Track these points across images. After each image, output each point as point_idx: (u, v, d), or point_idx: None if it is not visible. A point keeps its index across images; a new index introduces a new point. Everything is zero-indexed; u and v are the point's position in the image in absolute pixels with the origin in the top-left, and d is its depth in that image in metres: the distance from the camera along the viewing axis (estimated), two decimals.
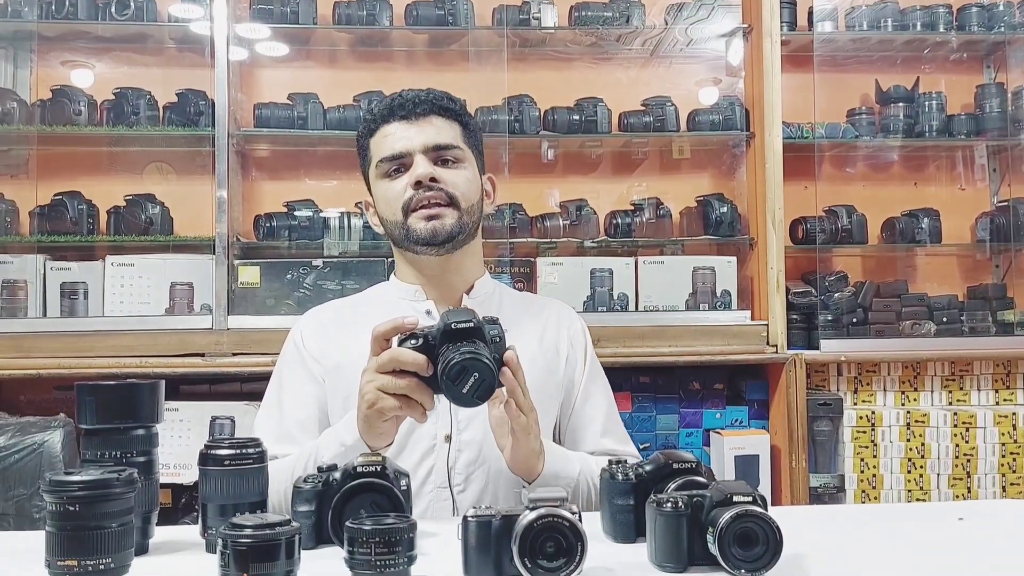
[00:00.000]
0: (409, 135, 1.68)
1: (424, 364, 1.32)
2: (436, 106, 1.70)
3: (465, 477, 1.63)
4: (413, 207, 1.65)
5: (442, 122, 1.70)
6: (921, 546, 1.28)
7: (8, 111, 3.02)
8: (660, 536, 1.12)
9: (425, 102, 1.70)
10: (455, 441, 1.63)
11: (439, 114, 1.71)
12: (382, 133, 1.70)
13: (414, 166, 1.66)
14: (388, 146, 1.68)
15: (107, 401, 1.21)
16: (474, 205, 1.70)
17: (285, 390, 1.73)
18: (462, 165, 1.70)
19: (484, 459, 1.63)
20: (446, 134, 1.70)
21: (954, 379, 3.07)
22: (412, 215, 1.65)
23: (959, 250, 3.41)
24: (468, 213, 1.68)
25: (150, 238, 3.03)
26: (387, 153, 1.68)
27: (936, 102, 3.30)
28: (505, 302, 1.80)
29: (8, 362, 2.79)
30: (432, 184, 1.64)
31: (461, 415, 1.64)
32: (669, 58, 3.39)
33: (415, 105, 1.69)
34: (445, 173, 1.67)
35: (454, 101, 1.75)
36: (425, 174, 1.64)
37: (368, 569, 1.04)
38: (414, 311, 1.69)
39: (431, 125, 1.69)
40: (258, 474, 1.24)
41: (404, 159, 1.67)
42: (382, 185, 1.70)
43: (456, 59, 3.32)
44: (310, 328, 1.77)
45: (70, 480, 1.01)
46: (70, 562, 1.00)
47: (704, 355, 2.93)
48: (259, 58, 3.28)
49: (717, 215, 3.15)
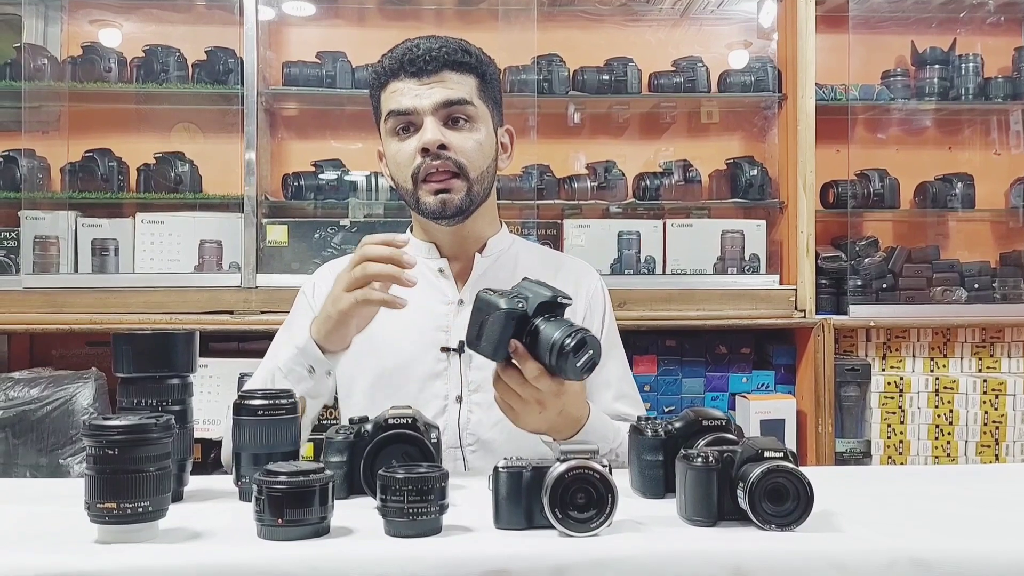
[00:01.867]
0: (419, 93, 1.60)
1: (395, 254, 1.41)
2: (448, 60, 1.62)
3: (477, 438, 1.63)
4: (423, 177, 1.61)
5: (456, 76, 1.63)
6: (952, 505, 1.28)
7: (39, 68, 3.03)
8: (690, 490, 1.12)
9: (437, 58, 1.61)
10: (466, 402, 1.63)
11: (452, 68, 1.62)
12: (391, 88, 1.63)
13: (423, 129, 1.59)
14: (396, 101, 1.62)
15: (143, 350, 1.23)
16: (484, 171, 1.65)
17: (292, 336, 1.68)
18: (474, 125, 1.64)
19: (496, 420, 1.61)
20: (458, 90, 1.62)
21: (984, 346, 3.05)
22: (422, 186, 1.61)
23: (992, 216, 3.37)
24: (478, 182, 1.63)
25: (179, 196, 3.05)
26: (395, 107, 1.62)
27: (972, 65, 3.24)
28: (521, 259, 1.77)
29: (41, 317, 2.82)
30: (441, 152, 1.59)
31: (471, 377, 1.64)
32: (700, 19, 3.35)
33: (426, 62, 1.60)
34: (455, 137, 1.61)
35: (469, 53, 1.66)
36: (433, 141, 1.58)
37: (400, 517, 1.05)
38: (428, 268, 1.69)
39: (442, 82, 1.61)
40: (290, 424, 1.25)
41: (412, 116, 1.61)
42: (392, 144, 1.65)
43: (485, 18, 3.30)
44: (324, 282, 1.72)
45: (109, 424, 1.02)
46: (109, 505, 1.02)
47: (731, 319, 2.92)
48: (287, 16, 3.28)
49: (747, 178, 3.13)
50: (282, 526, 1.03)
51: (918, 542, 1.08)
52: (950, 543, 1.09)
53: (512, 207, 3.11)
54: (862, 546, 1.05)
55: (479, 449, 1.63)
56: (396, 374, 1.65)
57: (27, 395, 2.67)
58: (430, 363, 1.65)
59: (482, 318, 1.31)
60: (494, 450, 1.62)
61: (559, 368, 1.28)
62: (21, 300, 2.84)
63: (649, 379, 2.97)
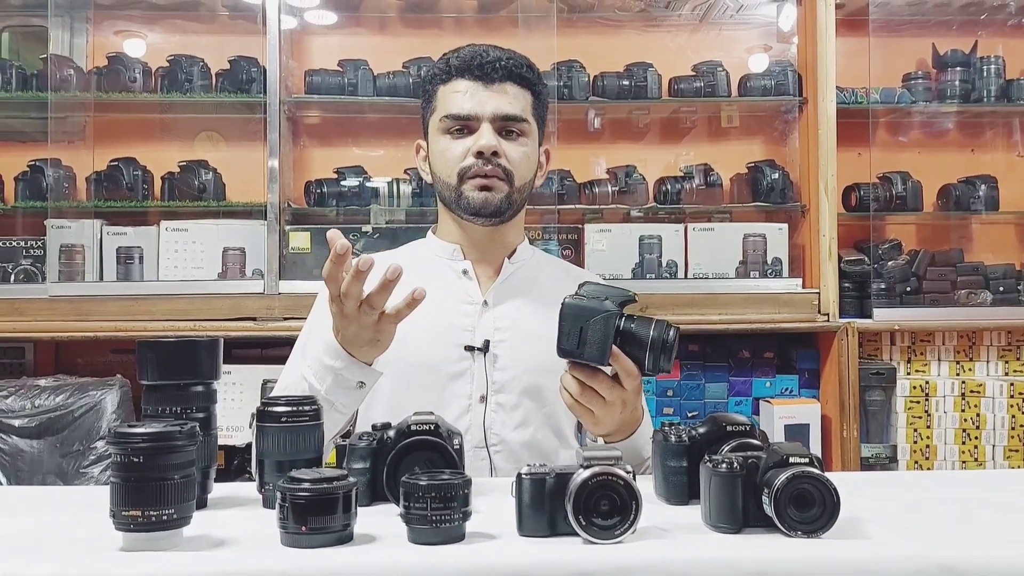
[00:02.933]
0: (481, 99, 1.64)
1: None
2: (514, 73, 1.66)
3: (501, 439, 1.63)
4: (471, 175, 1.64)
5: (516, 90, 1.66)
6: (980, 510, 1.26)
7: (65, 78, 3.06)
8: (715, 497, 1.12)
9: (504, 68, 1.65)
10: (490, 402, 1.64)
11: (515, 81, 1.66)
12: (453, 87, 1.66)
13: (479, 134, 1.63)
14: (457, 104, 1.65)
15: (168, 357, 1.23)
16: (527, 183, 1.69)
17: (313, 338, 1.70)
18: (525, 140, 1.68)
19: (519, 421, 1.64)
20: (517, 104, 1.66)
21: (1011, 349, 3.01)
22: (467, 182, 1.64)
23: (1017, 218, 3.33)
24: (520, 191, 1.67)
25: (203, 204, 3.07)
26: (454, 111, 1.65)
27: (994, 67, 3.21)
28: (543, 269, 1.80)
29: (66, 324, 2.85)
30: (493, 158, 1.62)
31: (496, 377, 1.64)
32: (719, 24, 3.35)
33: (494, 69, 1.64)
34: (508, 147, 1.64)
35: (532, 70, 1.70)
36: (489, 146, 1.61)
37: (424, 524, 1.05)
38: (451, 270, 1.70)
39: (504, 93, 1.65)
40: (314, 431, 1.25)
41: (470, 122, 1.64)
42: (442, 141, 1.67)
43: (505, 25, 3.30)
44: None
45: (134, 432, 1.03)
46: (134, 512, 1.02)
47: (754, 323, 2.90)
48: (310, 25, 3.30)
49: (768, 182, 3.11)
50: (306, 534, 1.03)
51: (946, 549, 1.07)
52: (979, 550, 1.08)
53: (533, 212, 3.11)
54: (889, 553, 1.04)
55: (503, 450, 1.64)
56: (420, 373, 1.65)
57: (52, 402, 2.69)
58: (454, 362, 1.66)
59: (581, 324, 1.32)
60: (517, 451, 1.63)
61: (656, 363, 1.32)
62: (47, 308, 2.87)
63: (672, 384, 2.96)
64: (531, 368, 1.63)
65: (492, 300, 1.68)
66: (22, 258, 2.99)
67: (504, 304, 1.67)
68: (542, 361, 1.58)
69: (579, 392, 1.39)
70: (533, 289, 1.72)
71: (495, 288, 1.70)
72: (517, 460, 1.62)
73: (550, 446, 1.67)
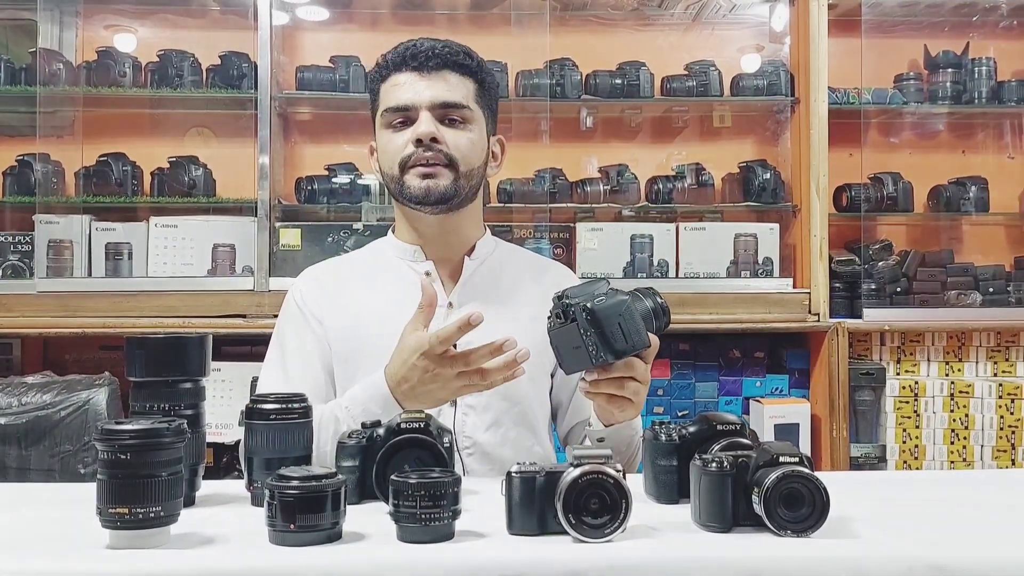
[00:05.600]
0: (418, 88, 1.61)
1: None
2: (451, 60, 1.63)
3: (473, 441, 1.62)
4: (411, 164, 1.61)
5: (455, 78, 1.64)
6: (969, 510, 1.27)
7: (54, 73, 3.04)
8: (704, 496, 1.12)
9: (439, 55, 1.62)
10: (460, 404, 1.62)
11: (453, 69, 1.64)
12: (392, 81, 1.64)
13: (418, 122, 1.60)
14: (395, 96, 1.63)
15: (156, 354, 1.23)
16: (475, 169, 1.65)
17: (288, 353, 1.69)
18: (468, 126, 1.64)
19: (490, 422, 1.63)
20: (457, 91, 1.63)
21: (1000, 350, 3.03)
22: (409, 171, 1.61)
23: (1007, 219, 3.35)
24: (466, 177, 1.63)
25: (193, 200, 3.05)
26: (393, 103, 1.63)
27: (986, 68, 3.22)
28: (506, 263, 1.76)
29: (54, 321, 2.83)
30: (433, 144, 1.60)
31: None
32: (712, 23, 3.35)
33: (428, 57, 1.62)
34: (449, 133, 1.61)
35: (471, 56, 1.67)
36: (427, 133, 1.59)
37: (413, 522, 1.05)
38: (412, 271, 1.68)
39: (443, 80, 1.62)
40: (303, 428, 1.25)
41: (409, 112, 1.62)
42: (384, 135, 1.66)
43: (498, 22, 3.30)
44: (309, 289, 1.72)
45: (121, 429, 1.02)
46: (121, 509, 1.01)
47: (745, 323, 2.91)
48: (301, 21, 3.28)
49: (760, 181, 3.11)
50: (294, 531, 1.03)
51: (935, 548, 1.07)
52: (967, 549, 1.08)
53: (525, 211, 3.11)
54: (879, 552, 1.04)
55: (475, 452, 1.62)
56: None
57: (40, 400, 2.67)
58: None
59: (617, 321, 1.32)
60: (489, 453, 1.62)
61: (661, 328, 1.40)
62: (35, 304, 2.85)
63: (663, 383, 2.96)
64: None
65: (456, 301, 1.66)
66: (10, 253, 2.97)
67: (468, 304, 1.63)
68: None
69: (622, 387, 1.38)
70: (497, 287, 1.70)
71: (458, 289, 1.68)
72: (491, 461, 1.61)
73: (523, 444, 1.65)
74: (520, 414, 1.65)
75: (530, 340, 1.43)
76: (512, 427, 1.64)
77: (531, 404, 1.66)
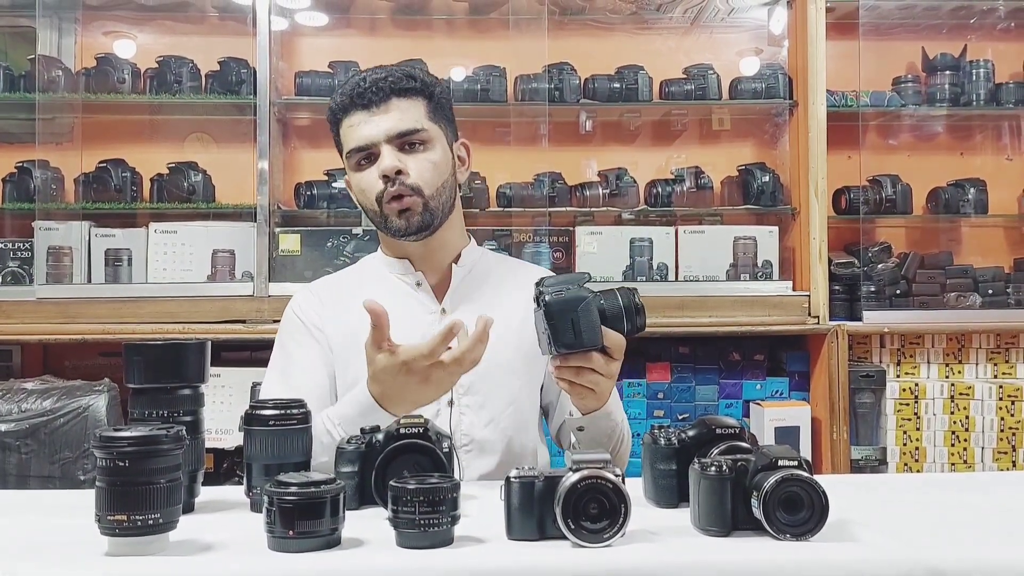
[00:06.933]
0: (372, 123, 1.66)
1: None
2: (395, 88, 1.67)
3: (471, 438, 1.66)
4: (385, 199, 1.66)
5: (405, 104, 1.68)
6: (969, 513, 1.27)
7: (53, 79, 3.05)
8: (704, 500, 1.12)
9: (382, 88, 1.67)
10: (457, 405, 1.66)
11: (400, 95, 1.68)
12: (347, 124, 1.70)
13: (381, 157, 1.65)
14: (354, 138, 1.68)
15: (155, 361, 1.23)
16: (441, 187, 1.69)
17: (291, 362, 1.73)
18: (429, 146, 1.69)
19: (488, 419, 1.67)
20: (408, 118, 1.67)
21: (1000, 352, 3.02)
22: (387, 207, 1.67)
23: (1006, 221, 3.35)
24: (435, 198, 1.68)
25: (192, 206, 3.06)
26: (353, 145, 1.68)
27: (983, 70, 3.22)
28: (493, 269, 1.82)
29: (54, 327, 2.83)
30: (398, 177, 1.65)
31: (462, 380, 1.63)
32: (710, 27, 3.35)
33: (374, 92, 1.66)
34: (411, 161, 1.66)
35: (414, 78, 1.71)
36: (391, 167, 1.64)
37: (412, 528, 1.05)
38: (405, 283, 1.74)
39: (392, 111, 1.66)
40: (302, 434, 1.25)
41: (371, 149, 1.67)
42: (355, 176, 1.71)
43: (496, 27, 3.30)
44: (308, 303, 1.78)
45: (120, 436, 1.02)
46: (119, 517, 1.01)
47: (744, 326, 2.91)
48: (300, 27, 3.29)
49: (759, 184, 3.12)
50: (293, 538, 1.03)
51: (935, 551, 1.07)
52: (967, 552, 1.08)
53: (524, 215, 3.11)
54: (878, 555, 1.04)
55: (474, 449, 1.67)
56: None
57: (40, 407, 2.67)
58: None
59: (570, 316, 1.34)
60: (487, 448, 1.67)
61: (634, 326, 1.38)
62: (34, 310, 2.85)
63: (663, 386, 2.96)
64: (493, 367, 1.63)
65: (449, 307, 1.72)
66: (10, 260, 2.97)
67: (460, 309, 1.70)
68: (504, 359, 1.64)
69: (579, 376, 1.41)
70: (486, 291, 1.76)
71: (449, 295, 1.73)
72: (488, 455, 1.66)
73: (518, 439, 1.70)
74: (514, 411, 1.70)
75: (520, 342, 1.48)
76: (507, 424, 1.69)
77: (523, 402, 1.72)
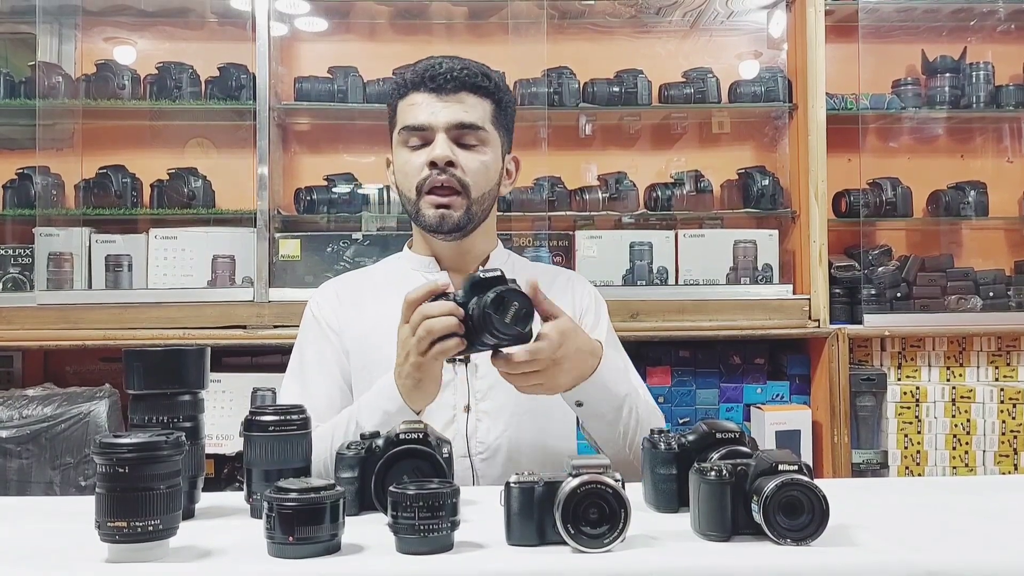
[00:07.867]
0: (435, 109, 1.64)
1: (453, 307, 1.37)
2: (469, 83, 1.66)
3: (486, 446, 1.64)
4: (427, 189, 1.64)
5: (473, 99, 1.66)
6: (971, 517, 1.26)
7: (53, 85, 3.05)
8: (704, 504, 1.11)
9: (458, 78, 1.65)
10: (474, 411, 1.65)
11: (471, 91, 1.66)
12: (409, 100, 1.67)
13: (434, 144, 1.63)
14: (412, 116, 1.65)
15: (154, 366, 1.23)
16: (487, 193, 1.68)
17: (307, 365, 1.73)
18: (483, 148, 1.67)
19: (505, 428, 1.65)
20: (474, 113, 1.65)
21: (1001, 354, 3.02)
22: (424, 197, 1.64)
23: (1006, 224, 3.34)
24: (479, 202, 1.66)
25: (192, 211, 3.06)
26: (410, 122, 1.66)
27: (984, 73, 3.22)
28: (518, 273, 1.78)
29: (54, 333, 2.83)
30: (447, 168, 1.62)
31: (479, 386, 1.65)
32: (710, 30, 3.35)
33: (447, 79, 1.64)
34: (464, 157, 1.64)
35: (489, 78, 1.69)
36: (442, 157, 1.61)
37: (412, 534, 1.04)
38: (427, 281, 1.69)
39: (460, 102, 1.65)
40: (302, 440, 1.25)
41: (426, 132, 1.65)
42: (402, 154, 1.68)
43: (495, 31, 3.30)
44: (327, 301, 1.77)
45: (119, 442, 1.02)
46: (119, 523, 1.01)
47: (745, 329, 2.91)
48: (299, 32, 3.29)
49: (759, 188, 3.12)
50: (293, 544, 1.03)
51: (936, 555, 1.06)
52: (969, 556, 1.08)
53: (524, 219, 3.11)
54: (879, 560, 1.04)
55: (489, 456, 1.64)
56: None
57: (41, 413, 2.67)
58: None
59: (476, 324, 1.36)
60: (502, 456, 1.64)
61: (493, 329, 1.34)
62: (35, 316, 2.85)
63: (663, 390, 2.96)
64: None
65: None
66: (10, 266, 2.97)
67: None
68: None
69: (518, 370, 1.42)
70: None
71: None
72: (502, 466, 1.63)
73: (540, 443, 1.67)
74: (533, 415, 1.66)
75: None
76: (527, 428, 1.66)
77: (552, 409, 1.66)
